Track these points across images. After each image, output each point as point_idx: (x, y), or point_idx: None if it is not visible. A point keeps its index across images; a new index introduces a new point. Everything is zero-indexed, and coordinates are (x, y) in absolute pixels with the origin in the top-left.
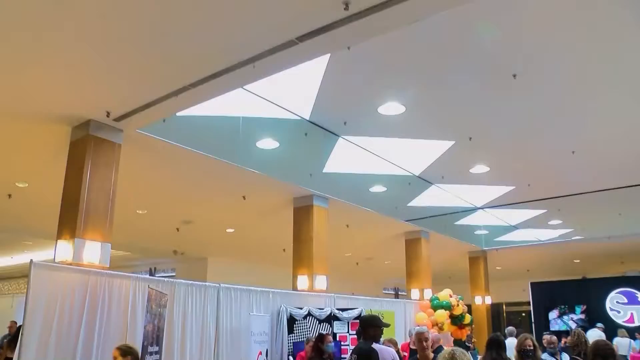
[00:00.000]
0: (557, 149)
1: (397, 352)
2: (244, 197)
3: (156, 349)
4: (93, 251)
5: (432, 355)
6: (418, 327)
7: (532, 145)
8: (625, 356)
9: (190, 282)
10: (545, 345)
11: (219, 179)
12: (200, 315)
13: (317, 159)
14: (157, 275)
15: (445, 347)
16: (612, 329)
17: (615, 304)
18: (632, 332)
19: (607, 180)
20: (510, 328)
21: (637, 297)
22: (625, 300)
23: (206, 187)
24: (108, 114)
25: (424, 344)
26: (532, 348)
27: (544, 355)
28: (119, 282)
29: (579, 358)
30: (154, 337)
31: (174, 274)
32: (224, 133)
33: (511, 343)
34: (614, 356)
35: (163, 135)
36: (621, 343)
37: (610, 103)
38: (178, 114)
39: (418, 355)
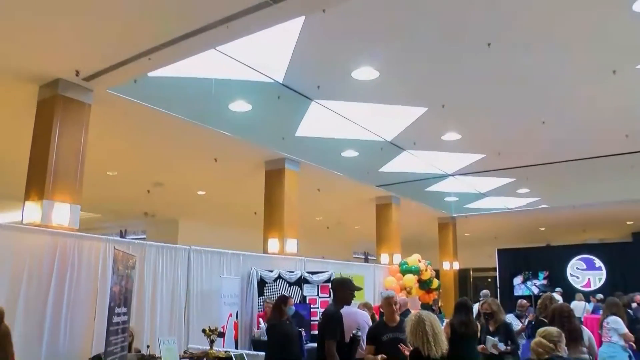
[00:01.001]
0: (527, 119)
1: (372, 316)
2: (215, 160)
3: (124, 310)
4: (62, 213)
5: (398, 318)
6: (387, 291)
7: (504, 114)
8: (580, 318)
9: (161, 244)
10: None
11: (191, 141)
12: (170, 277)
13: (290, 122)
14: (127, 238)
15: (412, 311)
16: (571, 293)
17: (575, 270)
18: (588, 296)
19: (574, 151)
20: (485, 291)
21: (595, 263)
22: (585, 267)
23: (177, 149)
24: (77, 73)
25: (393, 307)
26: (489, 311)
27: (509, 316)
28: (89, 244)
29: (545, 320)
30: (121, 299)
31: (144, 237)
32: (196, 95)
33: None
34: (571, 317)
35: (134, 96)
36: (577, 306)
37: (581, 75)
38: (150, 74)
39: (385, 318)
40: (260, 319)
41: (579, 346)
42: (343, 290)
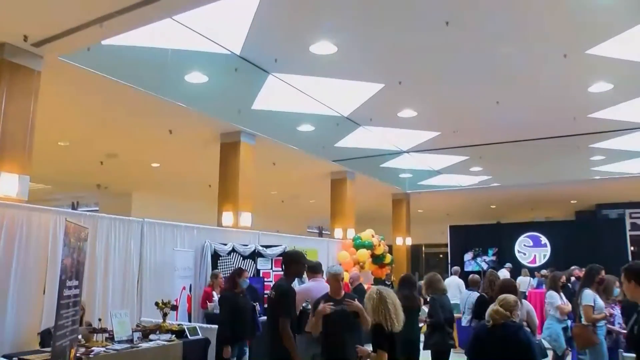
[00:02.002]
0: (482, 99)
1: None
2: (170, 132)
3: (75, 283)
4: (10, 184)
5: (343, 293)
6: (334, 267)
7: (460, 93)
8: (524, 292)
9: (114, 216)
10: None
11: (145, 112)
12: (123, 250)
13: (246, 95)
14: (79, 210)
15: (365, 285)
16: (518, 269)
17: (523, 247)
18: (533, 272)
19: (525, 132)
20: (455, 268)
21: (541, 240)
22: (531, 244)
23: (132, 120)
24: (25, 38)
25: (340, 283)
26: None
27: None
28: (38, 216)
29: (485, 295)
30: (73, 272)
31: (97, 209)
32: (152, 65)
33: (453, 281)
34: (516, 291)
35: (87, 64)
36: (523, 281)
37: (533, 58)
38: (104, 42)
39: (330, 292)
40: (214, 292)
41: (516, 318)
42: (295, 264)
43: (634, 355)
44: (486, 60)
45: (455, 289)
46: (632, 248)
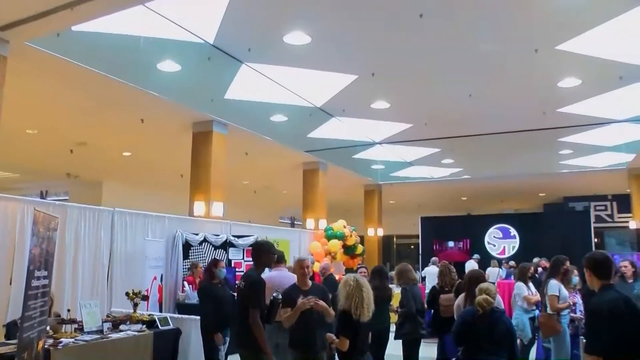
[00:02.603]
0: (455, 92)
1: None
2: (142, 120)
3: (44, 273)
4: None
5: (310, 282)
6: (300, 255)
7: (432, 85)
8: (493, 283)
9: (84, 205)
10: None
11: (117, 100)
12: (93, 240)
13: (219, 84)
14: (48, 199)
15: (336, 276)
16: (488, 260)
17: (492, 238)
18: (501, 263)
19: (496, 125)
20: (434, 258)
21: (510, 232)
22: (501, 235)
23: (102, 108)
24: None
25: (305, 270)
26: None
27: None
28: (4, 205)
29: (436, 286)
30: (42, 262)
31: (67, 198)
32: (124, 53)
33: (432, 270)
34: (484, 282)
35: (57, 50)
36: (492, 272)
37: (506, 52)
38: (74, 28)
39: (297, 281)
40: (185, 283)
41: None
42: (264, 254)
43: None
44: (459, 54)
45: (433, 278)
46: (595, 240)
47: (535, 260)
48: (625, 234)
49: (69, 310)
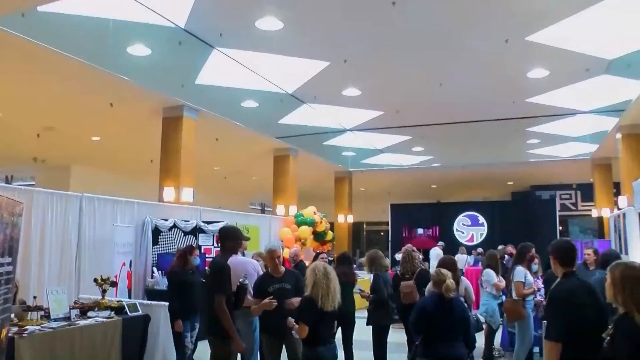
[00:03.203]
0: (426, 80)
1: (265, 266)
2: (111, 105)
3: (8, 260)
4: None
5: (283, 269)
6: (271, 244)
7: (404, 74)
8: (462, 269)
9: (51, 191)
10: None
11: (85, 84)
12: (61, 225)
13: (190, 69)
14: (14, 184)
15: (306, 262)
16: (456, 247)
17: (461, 226)
18: (470, 250)
19: (466, 114)
20: (408, 245)
21: (479, 220)
22: (469, 223)
23: (70, 91)
24: None
25: (276, 260)
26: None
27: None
28: None
29: (398, 273)
30: (5, 248)
31: (33, 183)
32: (93, 35)
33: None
34: (455, 268)
35: (22, 31)
36: (460, 259)
37: (476, 42)
38: (39, 9)
39: (270, 270)
40: (154, 268)
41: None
42: (231, 240)
43: None
44: (431, 42)
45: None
46: (560, 227)
47: (500, 247)
48: (588, 221)
49: (35, 297)
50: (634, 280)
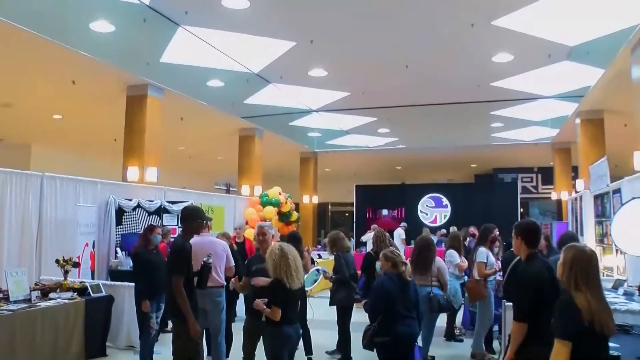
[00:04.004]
0: (392, 62)
1: (230, 246)
2: (73, 82)
3: None
4: None
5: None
6: (260, 224)
7: (370, 55)
8: None
9: (10, 170)
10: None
11: (46, 60)
12: (21, 206)
13: (155, 47)
14: None
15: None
16: (420, 228)
17: (425, 207)
18: (434, 231)
19: (432, 96)
20: (374, 226)
21: (443, 201)
22: (433, 204)
23: (30, 68)
24: None
25: (261, 237)
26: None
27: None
28: None
29: (371, 252)
30: None
31: None
32: (53, 10)
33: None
34: (431, 248)
35: None
36: None
37: (443, 25)
38: None
39: (260, 251)
40: (118, 249)
41: (428, 274)
42: (193, 220)
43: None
44: (397, 25)
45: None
46: (521, 209)
47: (452, 229)
48: (548, 204)
49: None
50: (581, 263)
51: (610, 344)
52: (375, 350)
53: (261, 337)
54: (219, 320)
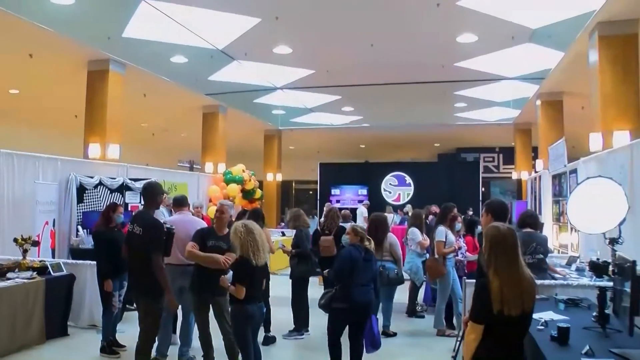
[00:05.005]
0: (357, 41)
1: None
2: (30, 56)
3: None
4: None
5: (227, 230)
6: (221, 202)
7: (335, 33)
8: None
9: None
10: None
11: (1, 32)
12: None
13: (117, 21)
14: None
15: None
16: (384, 206)
17: (389, 186)
18: (396, 209)
19: (396, 76)
20: (327, 204)
21: (406, 180)
22: (396, 183)
23: None
24: None
25: (219, 215)
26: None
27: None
28: None
29: (318, 229)
30: None
31: None
32: None
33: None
34: (386, 225)
35: None
36: (387, 218)
37: (410, 4)
38: None
39: (215, 226)
40: (79, 227)
41: (381, 249)
42: (158, 194)
43: (472, 280)
44: (363, 3)
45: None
46: (482, 189)
47: (407, 207)
48: (508, 183)
49: None
50: (496, 241)
51: (561, 317)
52: (329, 313)
53: (212, 313)
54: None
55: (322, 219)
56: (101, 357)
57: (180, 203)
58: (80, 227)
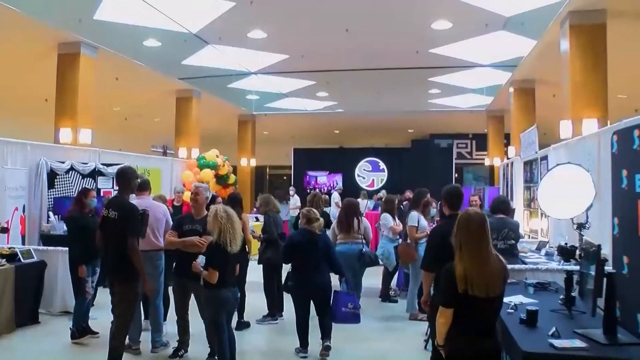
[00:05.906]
0: (332, 26)
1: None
2: None
3: None
4: None
5: (205, 213)
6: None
7: (310, 18)
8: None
9: None
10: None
11: None
12: None
13: (88, 3)
14: None
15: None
16: (357, 192)
17: (362, 171)
18: (371, 195)
19: (371, 61)
20: (292, 188)
21: (380, 166)
22: (370, 168)
23: None
24: None
25: (193, 197)
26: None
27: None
28: None
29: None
30: None
31: None
32: None
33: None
34: (357, 209)
35: None
36: (361, 203)
37: None
38: None
39: (193, 210)
40: (50, 213)
41: (352, 232)
42: (133, 179)
43: None
44: None
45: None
46: (456, 175)
47: (382, 192)
48: (481, 169)
49: None
50: (463, 224)
51: (530, 300)
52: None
53: (192, 297)
54: (157, 284)
55: (307, 205)
56: (72, 343)
57: (142, 187)
58: (51, 213)
